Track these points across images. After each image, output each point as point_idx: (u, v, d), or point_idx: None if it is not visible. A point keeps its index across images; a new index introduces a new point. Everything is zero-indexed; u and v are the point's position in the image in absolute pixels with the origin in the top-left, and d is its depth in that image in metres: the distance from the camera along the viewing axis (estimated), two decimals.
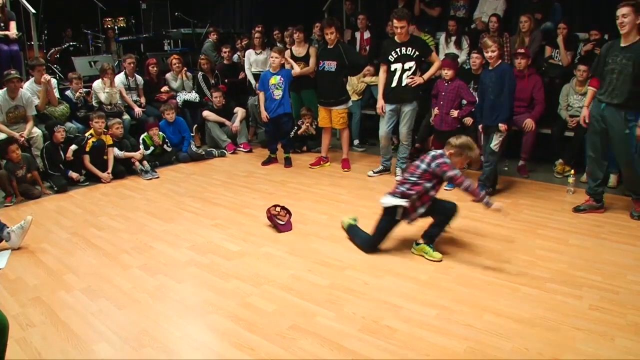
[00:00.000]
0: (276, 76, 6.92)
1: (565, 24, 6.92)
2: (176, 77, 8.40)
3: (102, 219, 5.27)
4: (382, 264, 4.13)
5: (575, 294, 3.62)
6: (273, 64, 6.90)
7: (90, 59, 9.22)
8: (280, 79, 6.92)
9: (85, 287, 3.83)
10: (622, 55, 4.69)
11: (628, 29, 4.58)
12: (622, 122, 4.76)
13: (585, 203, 5.24)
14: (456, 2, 8.52)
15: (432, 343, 3.09)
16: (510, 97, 5.33)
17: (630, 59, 4.61)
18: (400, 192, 4.21)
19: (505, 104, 5.32)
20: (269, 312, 3.45)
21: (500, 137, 5.42)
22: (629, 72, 4.63)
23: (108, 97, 7.34)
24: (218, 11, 12.74)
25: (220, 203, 5.69)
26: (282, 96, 6.94)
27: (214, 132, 8.00)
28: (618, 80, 4.71)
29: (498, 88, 5.33)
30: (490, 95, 5.41)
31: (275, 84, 6.90)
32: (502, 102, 5.32)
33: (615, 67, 4.72)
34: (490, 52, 5.29)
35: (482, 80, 5.55)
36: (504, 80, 5.30)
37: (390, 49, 6.03)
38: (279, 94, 6.92)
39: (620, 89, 4.71)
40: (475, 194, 4.00)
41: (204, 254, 4.39)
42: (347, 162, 6.93)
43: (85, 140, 6.40)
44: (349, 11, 9.48)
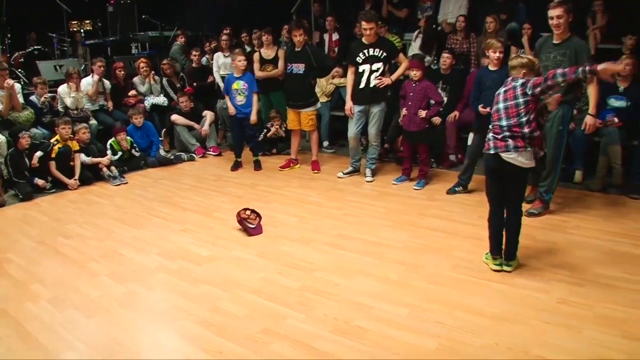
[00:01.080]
0: (239, 81, 6.86)
1: (530, 24, 7.02)
2: (144, 81, 8.31)
3: (69, 227, 5.18)
4: (352, 265, 4.14)
5: (544, 289, 3.68)
6: (241, 67, 6.83)
7: (56, 63, 9.05)
8: (244, 85, 6.86)
9: (52, 297, 3.76)
10: (555, 52, 4.80)
11: (563, 29, 4.69)
12: (559, 119, 4.86)
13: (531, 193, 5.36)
14: (423, 4, 8.59)
15: (404, 342, 3.11)
16: None
17: (565, 55, 4.72)
18: (526, 140, 3.76)
19: None
20: (240, 317, 3.44)
21: None
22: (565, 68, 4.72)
23: (74, 102, 7.22)
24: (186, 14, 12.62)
25: (189, 208, 5.65)
26: (244, 102, 6.87)
27: (183, 136, 7.94)
28: None
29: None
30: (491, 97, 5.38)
31: (238, 90, 6.85)
32: None
33: (550, 64, 4.79)
34: (498, 53, 5.29)
35: (481, 81, 5.48)
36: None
37: (358, 51, 6.05)
38: (242, 100, 6.86)
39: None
40: (573, 71, 3.60)
41: (173, 259, 4.35)
42: (316, 164, 6.93)
43: (51, 147, 6.29)
44: (317, 13, 9.49)
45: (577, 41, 4.77)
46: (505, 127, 3.80)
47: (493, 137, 3.87)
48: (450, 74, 6.71)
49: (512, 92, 3.83)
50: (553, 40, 4.85)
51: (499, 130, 3.84)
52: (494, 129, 3.89)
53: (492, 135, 3.89)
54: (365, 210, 5.37)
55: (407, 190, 5.99)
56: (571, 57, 4.70)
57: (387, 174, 6.59)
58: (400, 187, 6.12)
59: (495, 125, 3.89)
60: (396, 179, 6.28)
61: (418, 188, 6.00)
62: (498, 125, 3.86)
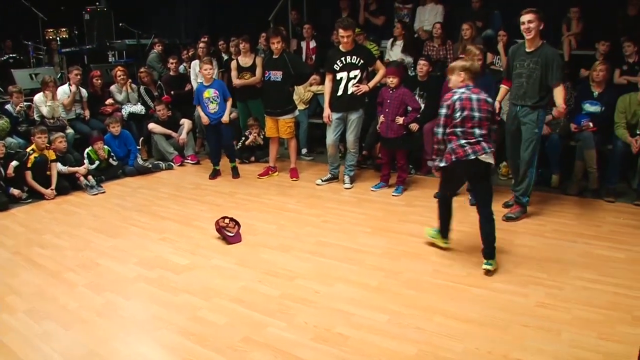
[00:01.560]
0: (210, 89, 6.82)
1: (505, 31, 7.13)
2: (121, 89, 8.26)
3: (46, 237, 5.12)
4: (332, 272, 4.15)
5: (522, 292, 3.73)
6: (208, 76, 6.80)
7: (32, 71, 8.95)
8: (215, 92, 6.83)
9: (29, 309, 3.70)
10: (529, 60, 4.95)
11: (534, 35, 4.84)
12: (535, 122, 5.01)
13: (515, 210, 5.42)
14: (400, 11, 8.67)
15: (384, 348, 3.12)
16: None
17: (538, 63, 4.88)
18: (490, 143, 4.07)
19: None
20: (220, 325, 3.42)
21: None
22: (538, 76, 4.90)
23: (50, 111, 7.14)
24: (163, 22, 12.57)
25: (168, 216, 5.61)
26: (217, 110, 6.85)
27: (161, 144, 7.89)
28: (528, 84, 4.98)
29: None
30: None
31: (209, 98, 6.83)
32: None
33: (523, 72, 4.98)
34: (477, 60, 5.36)
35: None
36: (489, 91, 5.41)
37: (335, 58, 6.08)
38: (214, 107, 6.83)
39: (531, 91, 4.98)
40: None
41: (152, 268, 4.31)
42: (295, 172, 6.93)
43: (27, 156, 6.20)
44: (294, 21, 9.51)
45: (549, 50, 4.91)
46: (478, 134, 3.98)
47: (467, 144, 3.97)
48: (427, 81, 6.77)
49: (485, 105, 4.04)
50: (526, 48, 4.98)
51: (472, 137, 3.99)
52: (466, 136, 4.01)
53: (464, 142, 3.99)
54: (344, 217, 5.38)
55: (385, 196, 6.02)
56: (543, 65, 4.85)
57: (366, 180, 6.62)
58: (379, 193, 6.15)
59: (467, 132, 4.01)
60: (375, 185, 6.31)
61: (397, 194, 6.03)
62: (471, 133, 3.99)
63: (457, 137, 4.06)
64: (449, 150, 4.09)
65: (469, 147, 3.99)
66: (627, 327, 3.27)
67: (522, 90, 5.04)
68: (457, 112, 4.06)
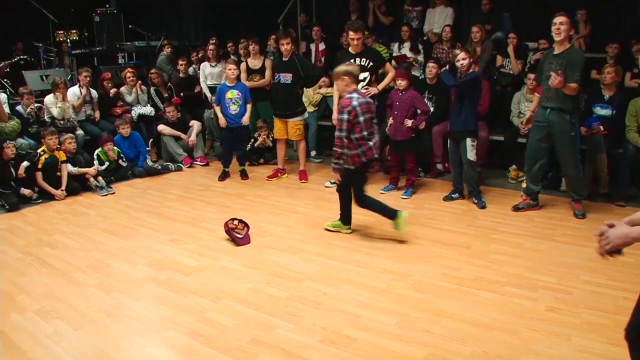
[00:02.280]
0: (233, 90, 6.85)
1: (515, 34, 7.12)
2: (130, 91, 8.29)
3: (55, 237, 5.15)
4: (340, 274, 4.15)
5: (531, 296, 3.71)
6: (232, 76, 6.84)
7: (42, 73, 9.00)
8: (238, 94, 6.85)
9: (39, 308, 3.72)
10: (555, 63, 4.98)
11: (563, 37, 4.90)
12: (568, 125, 5.04)
13: (523, 202, 5.51)
14: (409, 13, 8.67)
15: (392, 351, 3.11)
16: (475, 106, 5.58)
17: (562, 65, 4.90)
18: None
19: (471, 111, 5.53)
20: (229, 327, 3.43)
21: (473, 146, 5.54)
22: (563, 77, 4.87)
23: (61, 112, 7.19)
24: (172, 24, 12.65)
25: (177, 218, 5.63)
26: (238, 111, 6.88)
27: (170, 146, 7.92)
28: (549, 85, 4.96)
29: (465, 95, 5.50)
30: (458, 103, 5.57)
31: (232, 99, 6.84)
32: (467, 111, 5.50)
33: (550, 75, 4.95)
34: (462, 61, 5.41)
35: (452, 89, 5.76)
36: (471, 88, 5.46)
37: (344, 60, 6.05)
38: (236, 109, 6.85)
39: (556, 94, 4.99)
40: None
41: (161, 270, 4.33)
42: (304, 174, 6.94)
43: (38, 157, 6.24)
44: (303, 23, 9.53)
45: (574, 52, 5.00)
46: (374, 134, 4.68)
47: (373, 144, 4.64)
48: (436, 83, 6.76)
49: (372, 107, 4.72)
50: (554, 52, 5.05)
51: (373, 137, 4.68)
52: (370, 137, 4.63)
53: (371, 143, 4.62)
54: (353, 220, 5.36)
55: (394, 199, 6.01)
56: (565, 66, 4.88)
57: (375, 183, 6.59)
58: (387, 196, 6.13)
59: (370, 133, 4.64)
60: (384, 188, 6.30)
61: (406, 197, 6.02)
62: (372, 133, 4.66)
63: (365, 140, 4.54)
64: (359, 153, 4.55)
65: (374, 148, 4.60)
66: None
67: (550, 93, 5.07)
68: (360, 117, 4.48)
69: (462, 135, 5.55)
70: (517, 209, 5.47)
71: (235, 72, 6.83)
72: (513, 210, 5.45)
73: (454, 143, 5.75)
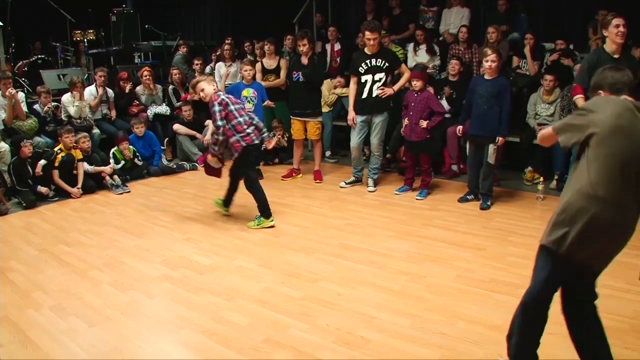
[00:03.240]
0: (249, 89, 6.83)
1: (531, 35, 7.06)
2: (144, 90, 8.32)
3: (72, 235, 5.19)
4: (355, 275, 4.14)
5: None
6: (248, 77, 6.82)
7: (59, 72, 9.08)
8: (254, 93, 6.83)
9: (54, 305, 3.76)
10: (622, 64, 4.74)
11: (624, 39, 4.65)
12: None
13: None
14: (425, 14, 8.64)
15: (407, 352, 3.10)
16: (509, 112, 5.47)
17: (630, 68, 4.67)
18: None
19: (504, 118, 5.43)
20: (243, 326, 3.43)
21: (495, 150, 5.49)
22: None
23: (77, 111, 7.24)
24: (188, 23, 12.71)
25: (191, 217, 5.65)
26: (253, 110, 6.84)
27: (185, 145, 7.95)
28: None
29: (493, 100, 5.41)
30: (484, 106, 5.47)
31: (247, 97, 6.82)
32: (500, 116, 5.42)
33: None
34: (490, 62, 5.36)
35: (475, 89, 5.60)
36: (502, 94, 5.39)
37: (360, 61, 6.07)
38: (250, 107, 6.81)
39: None
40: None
41: (175, 268, 4.35)
42: (319, 174, 6.93)
43: (54, 155, 6.30)
44: (319, 23, 9.53)
45: (630, 56, 4.73)
46: None
47: (251, 131, 5.15)
48: (459, 80, 6.74)
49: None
50: (611, 54, 4.74)
51: (252, 124, 5.21)
52: (244, 125, 5.11)
53: (249, 129, 5.12)
54: (368, 221, 5.37)
55: (409, 200, 6.00)
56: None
57: (390, 184, 6.60)
58: (402, 197, 6.12)
59: (244, 121, 5.14)
60: (398, 189, 6.28)
61: (420, 198, 6.00)
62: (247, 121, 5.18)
63: (242, 126, 5.06)
64: (237, 140, 5.05)
65: (253, 134, 5.11)
66: None
67: None
68: (231, 106, 5.06)
69: (487, 140, 5.50)
70: None
71: (251, 73, 6.83)
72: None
73: (473, 146, 5.71)
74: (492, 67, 5.38)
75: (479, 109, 5.52)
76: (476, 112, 5.57)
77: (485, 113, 5.44)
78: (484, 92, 5.46)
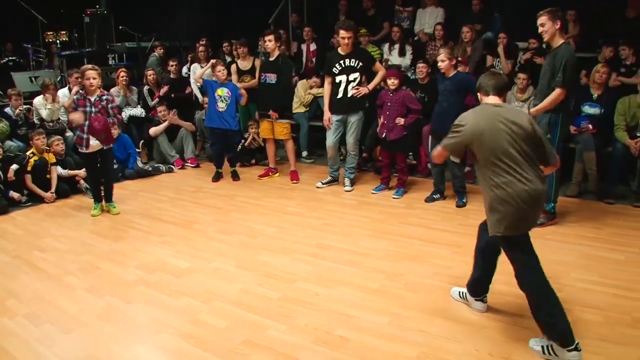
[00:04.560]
0: (223, 88, 6.81)
1: (505, 34, 7.14)
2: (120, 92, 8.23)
3: (45, 240, 5.11)
4: (332, 275, 4.14)
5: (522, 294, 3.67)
6: (222, 77, 6.81)
7: (31, 74, 8.96)
8: (228, 93, 6.82)
9: (29, 313, 3.69)
10: (546, 61, 4.86)
11: (548, 37, 4.71)
12: (546, 126, 4.83)
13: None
14: (400, 14, 8.68)
15: (385, 351, 3.12)
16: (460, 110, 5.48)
17: (549, 63, 4.75)
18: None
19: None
20: (221, 328, 3.42)
21: None
22: (547, 77, 4.77)
23: (50, 114, 7.14)
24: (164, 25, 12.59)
25: (168, 220, 5.61)
26: (225, 110, 6.82)
27: (163, 146, 7.88)
28: (540, 85, 4.89)
29: (453, 97, 5.45)
30: (444, 103, 5.53)
31: (221, 96, 6.80)
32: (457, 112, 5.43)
33: (542, 72, 4.88)
34: (440, 62, 5.42)
35: (438, 86, 5.70)
36: (461, 90, 5.42)
37: (334, 62, 6.08)
38: (223, 107, 6.80)
39: (541, 93, 4.86)
40: None
41: (152, 272, 4.31)
42: (295, 174, 6.92)
43: (27, 159, 6.19)
44: (295, 24, 9.53)
45: (563, 50, 4.69)
46: None
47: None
48: (428, 82, 6.77)
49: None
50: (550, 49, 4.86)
51: None
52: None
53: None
54: (345, 220, 5.38)
55: (386, 199, 6.02)
56: (552, 65, 4.70)
57: (366, 183, 6.62)
58: (379, 196, 6.15)
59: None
60: (375, 188, 6.30)
61: (397, 197, 6.03)
62: None
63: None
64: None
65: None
66: (627, 329, 3.27)
67: (537, 91, 4.96)
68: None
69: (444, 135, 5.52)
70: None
71: (224, 74, 6.83)
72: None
73: (435, 142, 5.73)
74: (441, 67, 5.46)
75: (439, 106, 5.63)
76: (437, 109, 5.68)
77: (445, 110, 5.44)
78: (444, 89, 5.57)
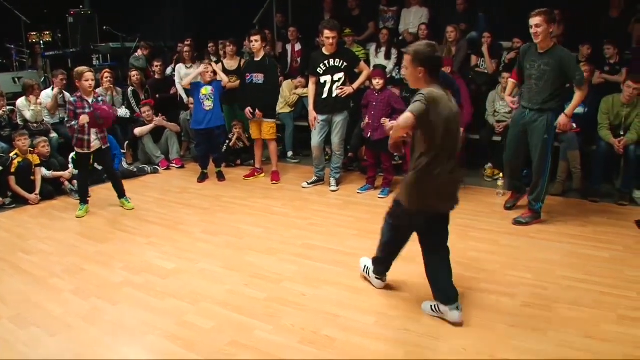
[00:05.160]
0: (207, 87, 6.85)
1: (489, 34, 7.19)
2: (106, 93, 8.18)
3: (30, 243, 5.07)
4: (318, 275, 4.15)
5: (508, 293, 3.76)
6: (207, 78, 6.82)
7: (14, 75, 8.88)
8: (212, 90, 6.85)
9: (14, 315, 3.66)
10: (540, 62, 4.81)
11: (542, 38, 4.72)
12: (544, 127, 4.88)
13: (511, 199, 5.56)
14: (385, 14, 8.70)
15: (372, 350, 3.13)
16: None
17: (549, 64, 4.74)
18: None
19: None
20: (207, 330, 3.41)
21: None
22: (550, 78, 4.76)
23: (34, 115, 7.09)
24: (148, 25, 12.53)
25: (153, 221, 5.58)
26: (212, 107, 6.86)
27: (148, 147, 7.83)
28: (538, 87, 4.85)
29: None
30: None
31: (206, 95, 6.82)
32: None
33: (534, 74, 4.85)
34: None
35: None
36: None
37: (318, 62, 6.09)
38: (210, 105, 6.84)
39: (541, 94, 4.84)
40: None
41: (138, 273, 4.29)
42: (276, 175, 6.91)
43: (10, 161, 6.13)
44: (280, 23, 9.52)
45: (562, 51, 4.76)
46: None
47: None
48: None
49: None
50: (538, 50, 4.83)
51: None
52: None
53: None
54: (331, 220, 5.39)
55: (372, 198, 6.04)
56: (555, 67, 4.70)
57: (352, 183, 6.63)
58: (365, 195, 6.16)
59: None
60: (361, 187, 6.32)
61: (383, 196, 6.05)
62: None
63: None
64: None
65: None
66: (613, 326, 3.31)
67: (532, 93, 4.91)
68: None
69: None
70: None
71: (212, 76, 6.85)
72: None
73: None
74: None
75: None
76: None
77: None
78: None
